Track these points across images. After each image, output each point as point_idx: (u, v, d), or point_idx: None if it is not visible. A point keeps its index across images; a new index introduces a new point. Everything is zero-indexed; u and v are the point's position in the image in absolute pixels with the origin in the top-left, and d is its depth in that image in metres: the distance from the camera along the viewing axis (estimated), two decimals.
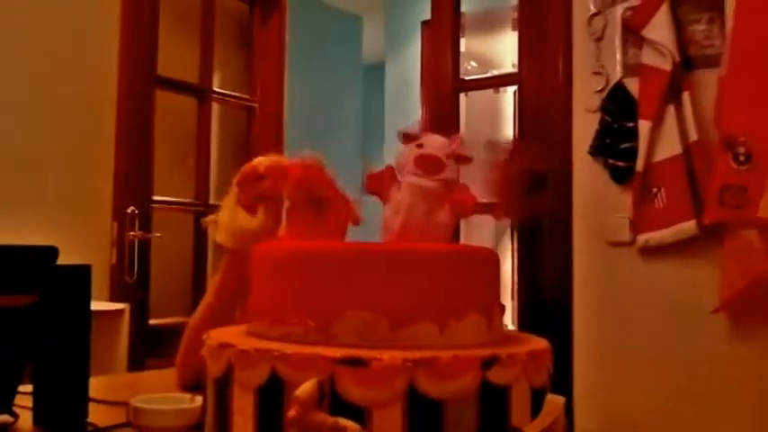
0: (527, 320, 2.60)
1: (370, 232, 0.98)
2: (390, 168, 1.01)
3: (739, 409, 2.15)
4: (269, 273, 0.87)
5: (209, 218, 1.31)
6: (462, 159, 1.03)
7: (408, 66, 5.27)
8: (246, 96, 3.60)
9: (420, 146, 1.01)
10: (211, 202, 3.33)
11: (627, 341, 2.34)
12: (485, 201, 1.05)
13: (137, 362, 2.72)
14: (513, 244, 2.75)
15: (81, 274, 1.09)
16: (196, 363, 0.88)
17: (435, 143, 1.03)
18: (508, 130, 3.14)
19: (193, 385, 1.21)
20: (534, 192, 1.05)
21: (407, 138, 1.03)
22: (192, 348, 1.25)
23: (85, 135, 2.81)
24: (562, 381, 0.90)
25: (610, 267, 2.39)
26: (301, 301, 0.82)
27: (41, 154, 2.67)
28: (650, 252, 2.30)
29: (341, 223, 1.03)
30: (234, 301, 1.35)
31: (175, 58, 3.22)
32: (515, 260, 2.74)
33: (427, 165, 0.98)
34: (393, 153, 1.05)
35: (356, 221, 1.05)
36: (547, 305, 2.57)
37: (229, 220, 1.27)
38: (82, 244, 2.68)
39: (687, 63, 2.26)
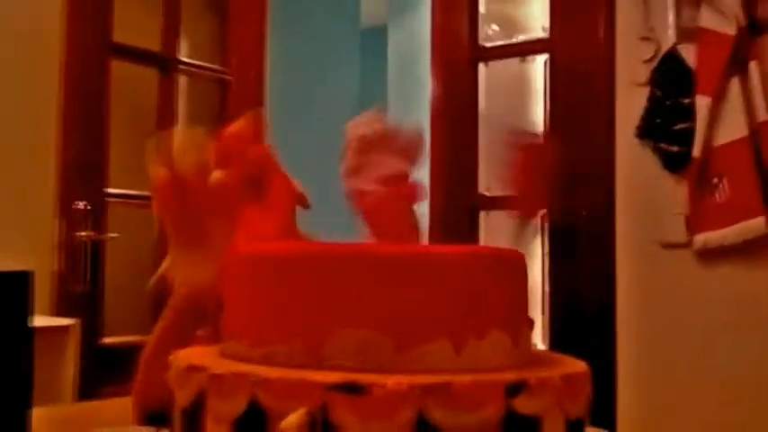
0: (561, 338, 2.60)
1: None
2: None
3: None
4: (248, 282, 0.87)
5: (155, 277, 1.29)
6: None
7: (415, 30, 5.27)
8: (219, 67, 3.60)
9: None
10: None
11: (681, 362, 2.34)
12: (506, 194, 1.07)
13: (88, 389, 2.72)
14: (543, 246, 2.75)
15: (19, 282, 1.09)
16: (157, 390, 0.88)
17: (368, 175, 1.13)
18: (537, 109, 3.13)
19: (156, 416, 1.21)
20: (567, 190, 1.06)
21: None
22: (151, 373, 1.25)
23: (23, 114, 2.81)
24: (603, 410, 0.90)
25: (661, 274, 2.39)
26: (287, 316, 0.82)
27: None
28: (710, 255, 2.30)
29: (286, 210, 1.03)
30: (194, 318, 1.35)
31: (134, 21, 3.22)
32: (546, 266, 2.74)
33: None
34: None
35: (304, 204, 1.06)
36: (585, 320, 2.57)
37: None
38: (20, 247, 2.68)
39: (754, 26, 2.25)
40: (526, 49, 3.04)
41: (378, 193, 1.10)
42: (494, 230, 2.90)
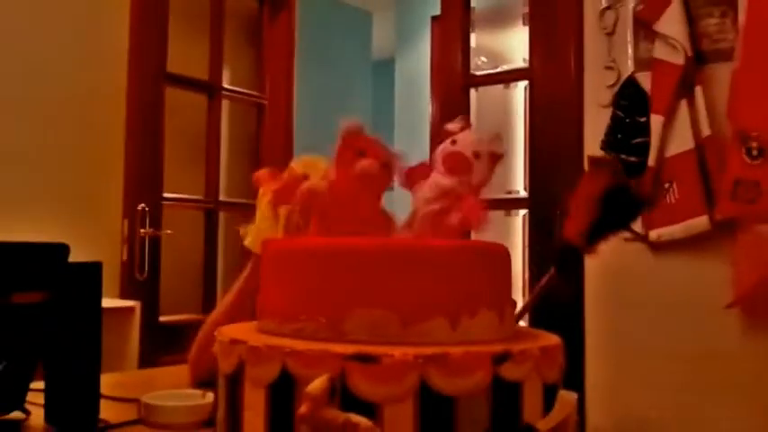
0: (538, 317, 2.59)
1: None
2: (423, 165, 1.00)
3: (752, 406, 2.13)
4: (280, 269, 0.87)
5: (248, 227, 1.31)
6: (494, 157, 1.00)
7: (418, 61, 5.27)
8: (256, 93, 3.61)
9: (453, 142, 1.00)
10: (221, 198, 3.34)
11: (638, 337, 2.33)
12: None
13: (148, 359, 2.73)
14: (524, 240, 2.74)
15: (92, 271, 1.10)
16: (209, 359, 0.88)
17: (467, 140, 1.00)
18: (519, 126, 3.13)
19: (206, 381, 1.21)
20: (625, 218, 1.00)
21: (446, 133, 1.01)
22: (205, 345, 1.25)
23: (95, 132, 2.82)
24: (574, 377, 0.90)
25: (622, 262, 2.38)
26: (312, 298, 0.82)
27: (51, 151, 2.69)
28: (662, 247, 2.29)
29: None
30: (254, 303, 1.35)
31: (185, 54, 3.23)
32: (527, 256, 2.73)
33: (454, 163, 0.97)
34: (403, 148, 1.04)
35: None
36: (558, 301, 2.56)
37: (266, 229, 1.27)
38: (93, 241, 2.69)
39: (699, 57, 2.24)
40: (510, 77, 3.03)
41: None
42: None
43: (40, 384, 1.13)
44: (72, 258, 1.07)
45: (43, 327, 1.07)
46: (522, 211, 2.81)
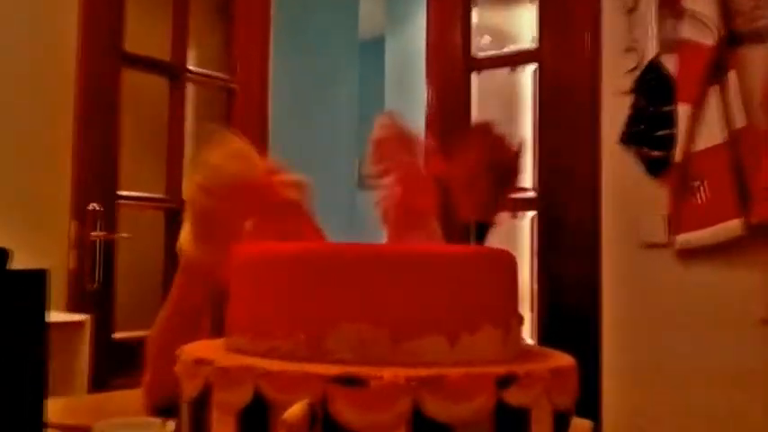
0: (548, 334, 2.60)
1: (368, 231, 0.99)
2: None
3: None
4: (252, 278, 0.87)
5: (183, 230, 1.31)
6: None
7: (411, 41, 5.27)
8: (225, 76, 3.60)
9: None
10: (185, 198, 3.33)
11: (662, 357, 2.34)
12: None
13: (100, 381, 2.72)
14: (533, 246, 2.75)
15: (36, 280, 1.09)
16: (166, 382, 0.88)
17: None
18: (527, 115, 3.14)
19: (165, 407, 1.21)
20: (506, 185, 1.06)
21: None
22: (158, 365, 1.26)
23: (39, 120, 2.80)
24: (589, 402, 0.90)
25: (644, 272, 2.39)
26: (289, 311, 0.81)
27: None
28: (690, 254, 2.30)
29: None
30: (197, 312, 1.35)
31: (145, 32, 3.22)
32: (535, 264, 2.74)
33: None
34: None
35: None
36: (571, 316, 2.57)
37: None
38: (37, 246, 2.68)
39: (733, 38, 2.26)
40: (516, 60, 3.04)
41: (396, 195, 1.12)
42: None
43: None
44: (13, 266, 1.07)
45: None
46: (531, 213, 2.82)
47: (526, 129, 2.94)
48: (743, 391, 2.21)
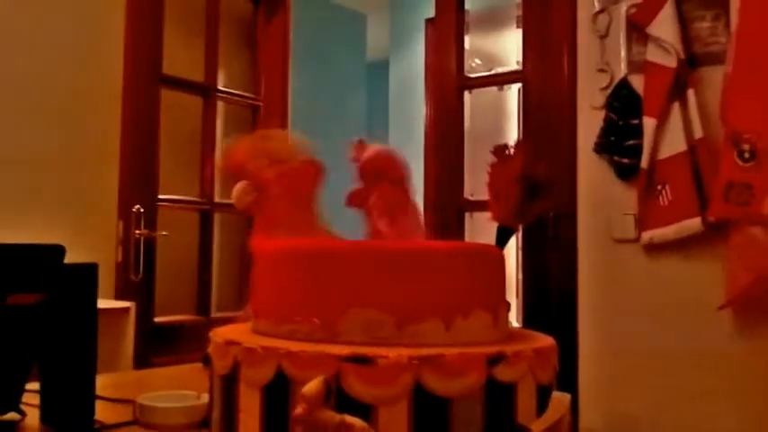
0: (532, 318, 2.60)
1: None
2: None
3: (744, 406, 2.14)
4: (274, 270, 0.87)
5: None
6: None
7: (412, 63, 5.26)
8: (251, 95, 3.61)
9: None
10: (216, 200, 3.34)
11: (632, 338, 2.34)
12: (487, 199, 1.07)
13: (142, 360, 2.72)
14: (518, 241, 2.75)
15: (87, 272, 1.09)
16: None
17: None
18: (512, 128, 3.14)
19: None
20: (535, 197, 1.06)
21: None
22: None
23: (91, 134, 2.81)
24: (567, 378, 0.90)
25: (615, 264, 2.39)
26: (307, 299, 0.82)
27: (47, 153, 2.68)
28: (655, 249, 2.29)
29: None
30: None
31: (180, 56, 3.22)
32: (520, 257, 2.74)
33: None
34: (397, 149, 1.11)
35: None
36: (552, 303, 2.57)
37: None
38: (88, 242, 2.69)
39: (692, 60, 2.25)
40: (503, 80, 3.04)
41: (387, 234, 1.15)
42: (477, 229, 2.89)
43: (35, 385, 1.13)
44: (67, 260, 1.07)
45: (39, 328, 1.06)
46: None
47: (512, 139, 2.93)
48: (702, 370, 2.21)
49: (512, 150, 1.08)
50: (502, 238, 1.09)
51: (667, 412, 2.26)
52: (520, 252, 2.73)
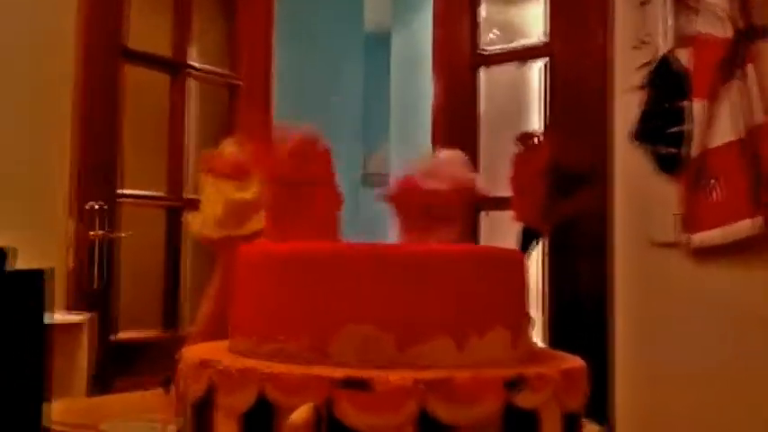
0: (559, 335, 2.60)
1: (371, 232, 0.99)
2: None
3: None
4: (256, 279, 0.87)
5: (194, 214, 1.37)
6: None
7: (418, 36, 5.26)
8: (228, 72, 3.60)
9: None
10: (187, 196, 3.33)
11: (676, 358, 2.34)
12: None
13: (99, 383, 2.72)
14: (542, 245, 2.74)
15: (33, 280, 1.09)
16: None
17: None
18: (536, 112, 3.13)
19: None
20: (566, 194, 1.06)
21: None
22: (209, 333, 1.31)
23: (38, 116, 2.81)
24: (600, 405, 0.90)
25: (656, 272, 2.39)
26: (294, 313, 0.82)
27: None
28: (705, 254, 2.29)
29: (331, 211, 1.07)
30: None
31: (146, 27, 3.22)
32: (545, 264, 2.74)
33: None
34: (399, 137, 1.11)
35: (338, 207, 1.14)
36: (582, 317, 2.57)
37: (216, 207, 1.33)
38: (35, 245, 2.67)
39: (751, 32, 2.25)
40: (526, 54, 3.03)
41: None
42: (493, 230, 2.89)
43: None
44: (11, 266, 1.07)
45: None
46: None
47: (534, 125, 2.93)
48: (758, 395, 2.21)
49: (538, 139, 1.08)
50: (526, 242, 1.09)
51: None
52: (545, 258, 2.73)
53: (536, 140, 1.09)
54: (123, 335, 3.03)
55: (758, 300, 2.22)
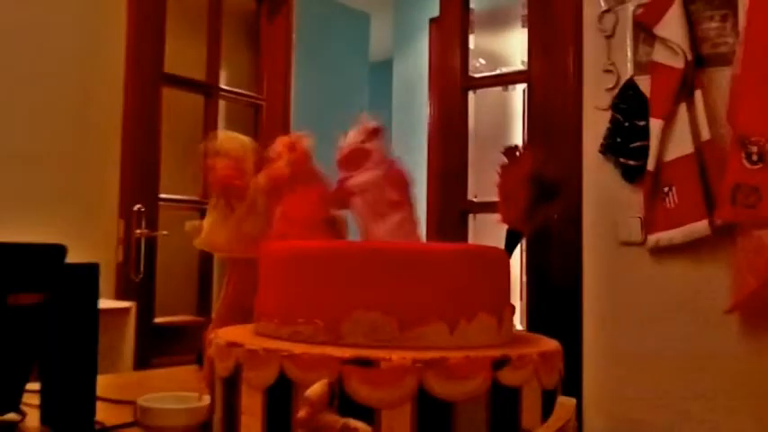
0: (536, 321, 2.60)
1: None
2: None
3: (751, 409, 2.14)
4: (277, 272, 0.87)
5: (191, 224, 1.33)
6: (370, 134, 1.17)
7: (416, 63, 5.27)
8: (253, 93, 3.61)
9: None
10: None
11: (637, 342, 2.34)
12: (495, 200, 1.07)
13: (143, 360, 2.73)
14: (522, 243, 2.74)
15: (88, 272, 1.10)
16: None
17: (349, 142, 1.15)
18: (518, 129, 3.14)
19: None
20: (545, 200, 1.06)
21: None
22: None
23: (92, 133, 2.82)
24: (572, 382, 0.90)
25: (621, 267, 2.39)
26: (310, 301, 0.82)
27: (48, 152, 2.68)
28: (661, 252, 2.29)
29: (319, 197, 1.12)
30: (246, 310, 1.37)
31: (182, 55, 3.23)
32: (524, 259, 2.74)
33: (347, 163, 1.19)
34: (400, 151, 1.12)
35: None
36: (556, 305, 2.57)
37: (232, 228, 1.30)
38: (89, 242, 2.69)
39: (699, 61, 2.25)
40: (508, 80, 3.03)
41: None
42: (480, 230, 2.90)
43: (35, 386, 1.13)
44: (68, 259, 1.07)
45: (39, 328, 1.07)
46: None
47: (516, 140, 2.93)
48: (708, 374, 2.21)
49: (521, 152, 1.08)
50: (511, 242, 1.09)
51: (674, 416, 2.26)
52: (524, 254, 2.73)
53: (519, 153, 1.09)
54: (162, 319, 3.03)
55: (706, 291, 2.22)
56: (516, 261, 2.78)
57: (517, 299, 2.79)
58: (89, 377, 1.11)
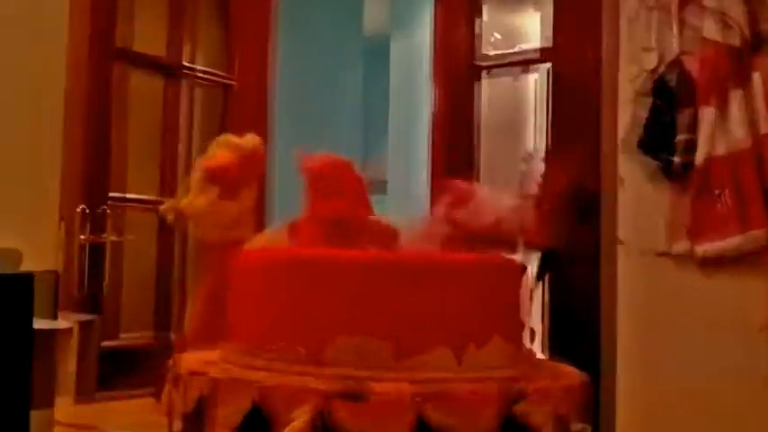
0: (557, 345, 2.59)
1: None
2: None
3: None
4: (251, 286, 0.87)
5: (169, 204, 1.37)
6: None
7: (417, 41, 5.26)
8: (222, 72, 3.60)
9: None
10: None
11: (682, 371, 2.33)
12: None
13: (86, 391, 2.71)
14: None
15: (21, 285, 1.09)
16: None
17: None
18: (531, 120, 3.13)
19: None
20: (584, 218, 1.07)
21: None
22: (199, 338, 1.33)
23: (27, 118, 2.79)
24: (601, 420, 0.90)
25: (662, 283, 2.37)
26: (289, 322, 0.82)
27: None
28: (710, 265, 2.28)
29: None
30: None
31: (140, 28, 3.22)
32: (546, 276, 2.73)
33: None
34: (398, 143, 1.12)
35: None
36: (582, 327, 2.56)
37: (212, 211, 1.36)
38: (23, 249, 2.67)
39: (758, 39, 2.25)
40: (527, 59, 3.03)
41: None
42: None
43: None
44: (14, 267, 1.07)
45: None
46: None
47: (538, 131, 2.93)
48: (750, 395, 2.20)
49: (552, 159, 1.09)
50: (548, 262, 1.09)
51: None
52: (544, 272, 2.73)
53: (550, 161, 1.11)
54: (111, 343, 3.02)
55: (754, 307, 2.21)
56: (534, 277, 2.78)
57: (538, 319, 2.79)
58: (20, 414, 1.10)
